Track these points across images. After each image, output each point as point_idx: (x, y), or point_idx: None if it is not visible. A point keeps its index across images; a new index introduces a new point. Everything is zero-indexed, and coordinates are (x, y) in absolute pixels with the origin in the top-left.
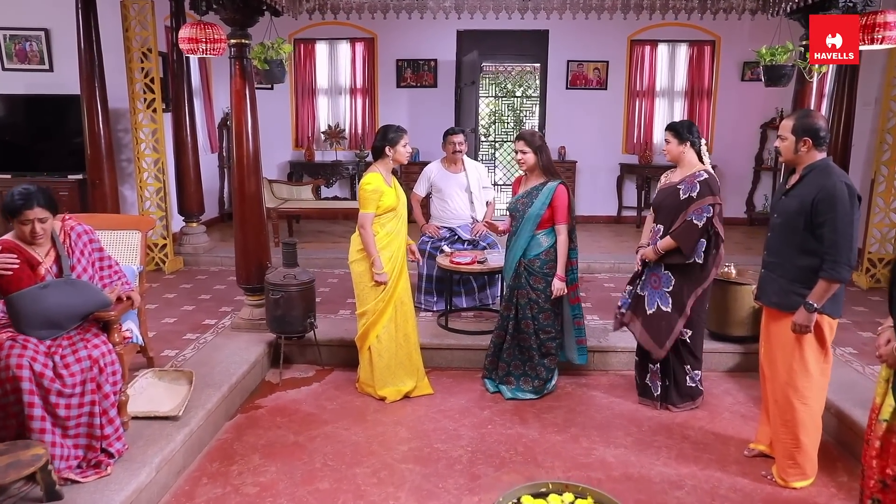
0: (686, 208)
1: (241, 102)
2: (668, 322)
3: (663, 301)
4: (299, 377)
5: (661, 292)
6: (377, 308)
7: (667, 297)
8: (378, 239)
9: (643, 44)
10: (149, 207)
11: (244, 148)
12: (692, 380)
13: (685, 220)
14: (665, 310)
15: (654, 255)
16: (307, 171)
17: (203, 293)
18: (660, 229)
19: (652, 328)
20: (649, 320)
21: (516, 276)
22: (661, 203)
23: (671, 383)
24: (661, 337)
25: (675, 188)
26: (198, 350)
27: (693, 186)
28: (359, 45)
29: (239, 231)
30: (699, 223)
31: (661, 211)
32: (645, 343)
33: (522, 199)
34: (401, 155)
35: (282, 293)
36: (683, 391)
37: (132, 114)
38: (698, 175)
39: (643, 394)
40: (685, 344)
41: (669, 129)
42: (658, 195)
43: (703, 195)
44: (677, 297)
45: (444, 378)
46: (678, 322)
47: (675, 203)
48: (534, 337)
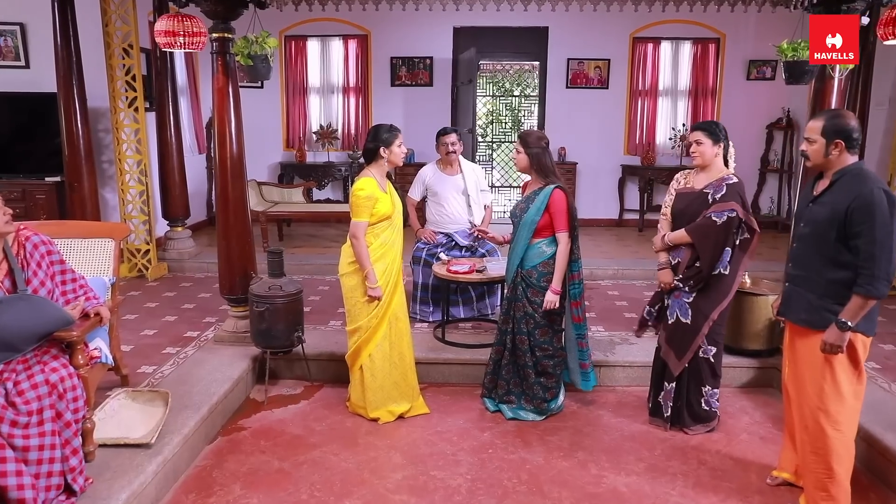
0: None
1: (223, 101)
2: (688, 335)
3: (683, 312)
4: (286, 394)
5: (680, 302)
6: (370, 325)
7: (686, 308)
8: (372, 250)
9: (646, 41)
10: (131, 211)
11: (227, 149)
12: (707, 402)
13: (703, 216)
14: (685, 321)
15: (661, 244)
16: (298, 172)
17: (187, 302)
18: None
19: (672, 339)
20: (668, 330)
21: (513, 287)
22: (683, 210)
23: (683, 404)
24: (680, 349)
25: (702, 193)
26: (177, 366)
27: (720, 189)
28: (352, 41)
29: (222, 238)
30: (718, 220)
31: (685, 217)
32: (665, 353)
33: (521, 205)
34: (396, 156)
35: (267, 305)
36: (696, 414)
37: (113, 113)
38: (728, 178)
39: (654, 413)
40: (708, 362)
41: (702, 129)
42: (678, 201)
43: (727, 199)
44: (698, 310)
45: (441, 395)
46: (698, 336)
47: (702, 207)
48: (529, 354)
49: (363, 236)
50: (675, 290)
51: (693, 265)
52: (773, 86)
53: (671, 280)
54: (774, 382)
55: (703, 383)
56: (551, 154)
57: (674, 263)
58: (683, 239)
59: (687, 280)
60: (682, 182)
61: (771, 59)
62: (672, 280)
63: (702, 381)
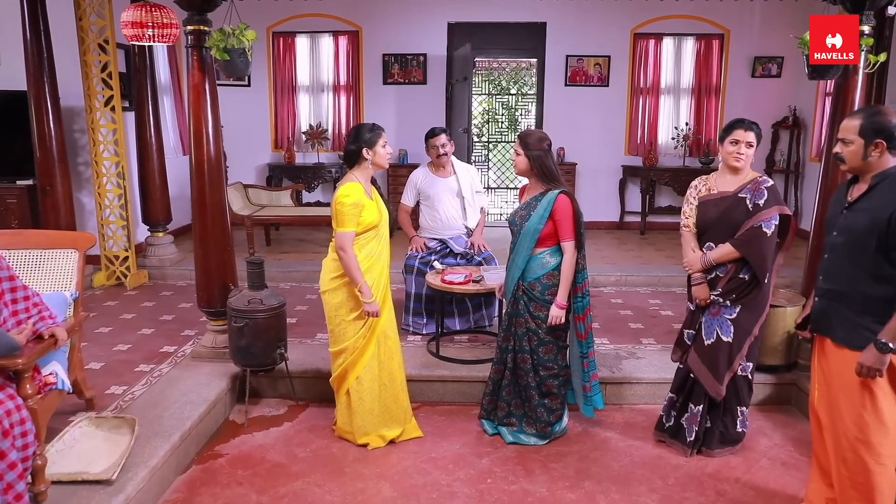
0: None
1: (199, 98)
2: (728, 354)
3: (724, 329)
4: (268, 415)
5: (721, 319)
6: (357, 345)
7: (728, 324)
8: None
9: (647, 37)
10: (108, 216)
11: (204, 151)
12: (742, 423)
13: (751, 227)
14: (726, 340)
15: (701, 266)
16: (287, 174)
17: (166, 312)
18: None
19: (710, 361)
20: (707, 352)
21: (514, 301)
22: (718, 219)
23: (716, 427)
24: (719, 371)
25: (739, 199)
26: (150, 386)
27: (760, 193)
28: (342, 38)
29: (199, 247)
30: (769, 231)
31: (720, 226)
32: (704, 378)
33: (521, 212)
34: (381, 157)
35: (246, 321)
36: (729, 436)
37: (88, 112)
38: (763, 181)
39: (674, 435)
40: (746, 380)
41: (753, 129)
42: (706, 210)
43: (770, 204)
44: (741, 326)
45: (435, 416)
46: (739, 353)
47: (743, 214)
48: (532, 374)
49: (351, 248)
50: (713, 307)
51: (736, 276)
52: (778, 83)
53: (708, 296)
54: (793, 400)
55: (740, 403)
56: (554, 156)
57: (711, 277)
58: (730, 255)
59: (728, 294)
60: (704, 188)
61: (777, 55)
62: (709, 296)
63: (739, 401)
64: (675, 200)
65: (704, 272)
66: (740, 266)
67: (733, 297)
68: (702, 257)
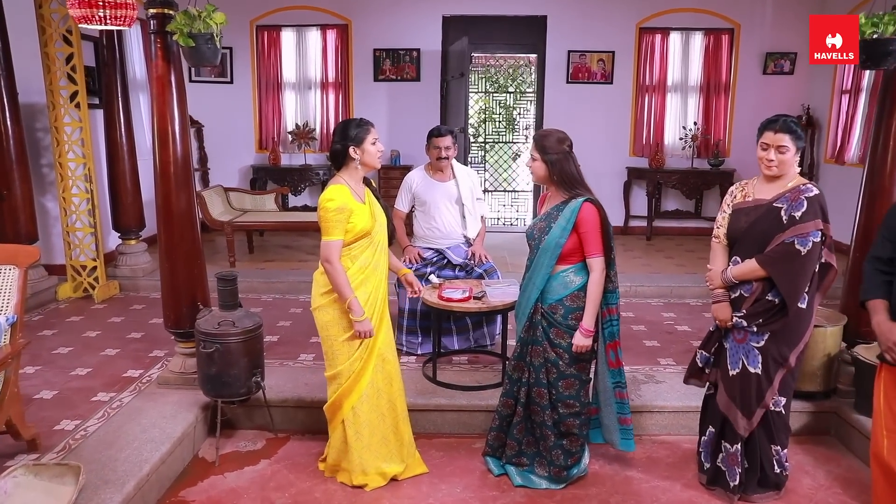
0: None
1: (164, 92)
2: (758, 387)
3: (751, 359)
4: (243, 451)
5: (747, 347)
6: (352, 369)
7: (755, 353)
8: (349, 276)
9: (653, 32)
10: (74, 222)
11: (170, 151)
12: (779, 463)
13: (782, 242)
14: (753, 371)
15: (721, 284)
16: (272, 176)
17: (134, 329)
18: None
19: (737, 393)
20: (732, 383)
21: (531, 326)
22: (747, 231)
23: (751, 467)
24: (748, 406)
25: (773, 207)
26: (107, 420)
27: (798, 204)
28: (330, 32)
29: (166, 260)
30: (803, 248)
31: (749, 238)
32: (727, 411)
33: (540, 223)
34: (370, 156)
35: (216, 345)
36: (768, 479)
37: (51, 109)
38: (806, 189)
39: (714, 481)
40: (780, 416)
41: (789, 130)
42: (736, 219)
43: (809, 216)
44: (771, 355)
45: (433, 451)
46: (771, 387)
47: (774, 227)
48: (549, 411)
49: (338, 259)
50: (738, 332)
51: (764, 298)
52: (791, 80)
53: (730, 317)
54: (832, 430)
55: (773, 441)
56: (576, 159)
57: (735, 296)
58: (754, 273)
59: (754, 317)
60: (740, 195)
61: (790, 51)
62: (731, 317)
63: (773, 439)
64: (683, 204)
65: (727, 289)
66: (768, 286)
67: (759, 323)
68: (722, 273)
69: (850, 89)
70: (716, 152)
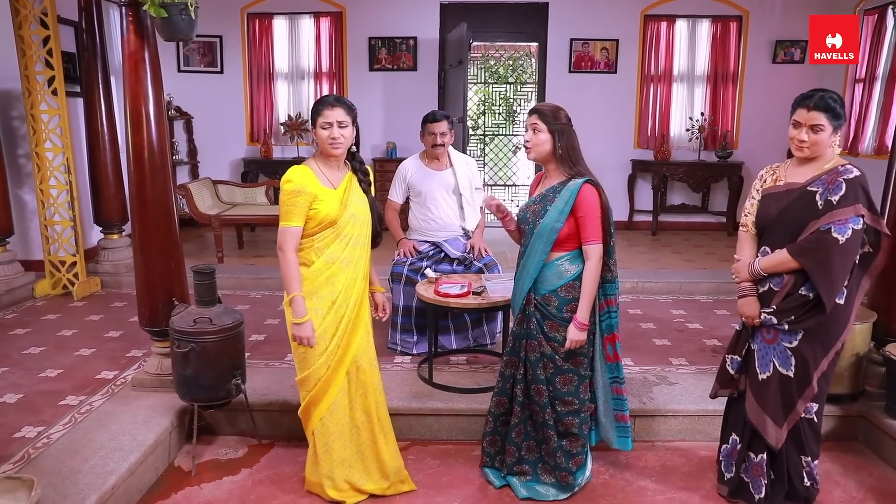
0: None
1: (137, 69)
2: (789, 392)
3: (783, 361)
4: (223, 459)
5: (778, 347)
6: (318, 375)
7: (788, 355)
8: (311, 272)
9: (659, 19)
10: (52, 215)
11: (144, 135)
12: (810, 476)
13: (817, 230)
14: (785, 373)
15: (748, 276)
16: (264, 169)
17: (113, 328)
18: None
19: (765, 400)
20: (762, 388)
21: (524, 318)
22: (778, 217)
23: (778, 479)
24: (780, 414)
25: (806, 192)
26: (73, 426)
27: (836, 187)
28: (324, 20)
29: (140, 254)
30: (841, 237)
31: (780, 226)
32: (756, 420)
33: (534, 206)
34: (321, 140)
35: (192, 345)
36: (797, 493)
37: (27, 96)
38: (845, 171)
39: (736, 494)
40: (811, 424)
41: (825, 108)
42: (766, 205)
43: (849, 200)
44: (805, 357)
45: (428, 459)
46: (804, 393)
47: (808, 213)
48: (549, 409)
49: (293, 249)
50: (767, 330)
51: (796, 292)
52: (802, 70)
53: (757, 313)
54: (861, 435)
55: (804, 451)
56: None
57: (763, 290)
58: (785, 265)
59: (786, 313)
60: (770, 179)
61: (800, 38)
62: (759, 313)
63: (803, 449)
64: (689, 198)
65: (755, 283)
66: (801, 279)
67: (791, 320)
68: (749, 264)
69: (865, 77)
70: (723, 144)
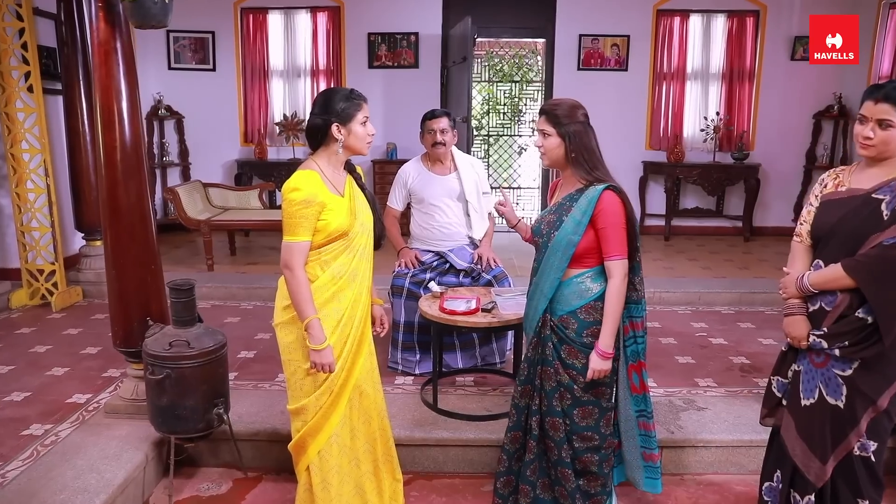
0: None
1: (108, 60)
2: (839, 423)
3: (832, 389)
4: (205, 495)
5: (828, 373)
6: (319, 404)
7: (838, 383)
8: (317, 288)
9: (671, 14)
10: (29, 221)
11: (116, 133)
12: None
13: (880, 244)
14: (833, 403)
15: (795, 291)
16: (258, 171)
17: (91, 343)
18: (819, 267)
19: (808, 430)
20: (805, 416)
21: (539, 342)
22: (834, 227)
23: None
24: (824, 447)
25: (870, 199)
26: (35, 460)
27: None
28: (321, 15)
29: (112, 266)
30: None
31: (837, 237)
32: (797, 454)
33: (549, 216)
34: (358, 140)
35: (167, 371)
36: None
37: (0, 93)
38: None
39: None
40: (866, 463)
41: (892, 99)
42: (824, 212)
43: None
44: (857, 389)
45: (433, 495)
46: (855, 429)
47: (870, 224)
48: (565, 446)
49: (302, 266)
50: (817, 354)
51: (852, 314)
52: (822, 67)
53: (805, 334)
54: None
55: (860, 495)
56: (595, 135)
57: (814, 308)
58: (838, 282)
59: (838, 337)
60: (832, 183)
61: None
62: (808, 334)
63: (858, 492)
64: (704, 201)
65: (804, 300)
66: (857, 299)
67: (845, 346)
68: (798, 279)
69: (889, 75)
70: (740, 145)
